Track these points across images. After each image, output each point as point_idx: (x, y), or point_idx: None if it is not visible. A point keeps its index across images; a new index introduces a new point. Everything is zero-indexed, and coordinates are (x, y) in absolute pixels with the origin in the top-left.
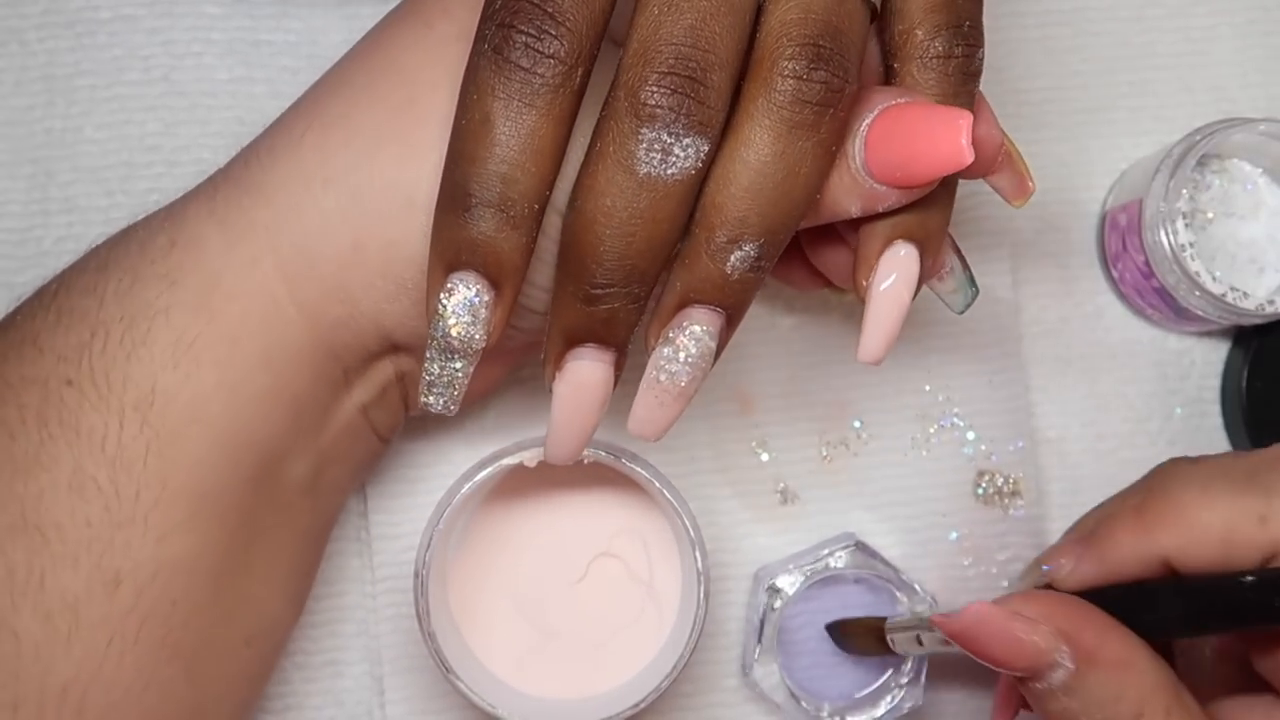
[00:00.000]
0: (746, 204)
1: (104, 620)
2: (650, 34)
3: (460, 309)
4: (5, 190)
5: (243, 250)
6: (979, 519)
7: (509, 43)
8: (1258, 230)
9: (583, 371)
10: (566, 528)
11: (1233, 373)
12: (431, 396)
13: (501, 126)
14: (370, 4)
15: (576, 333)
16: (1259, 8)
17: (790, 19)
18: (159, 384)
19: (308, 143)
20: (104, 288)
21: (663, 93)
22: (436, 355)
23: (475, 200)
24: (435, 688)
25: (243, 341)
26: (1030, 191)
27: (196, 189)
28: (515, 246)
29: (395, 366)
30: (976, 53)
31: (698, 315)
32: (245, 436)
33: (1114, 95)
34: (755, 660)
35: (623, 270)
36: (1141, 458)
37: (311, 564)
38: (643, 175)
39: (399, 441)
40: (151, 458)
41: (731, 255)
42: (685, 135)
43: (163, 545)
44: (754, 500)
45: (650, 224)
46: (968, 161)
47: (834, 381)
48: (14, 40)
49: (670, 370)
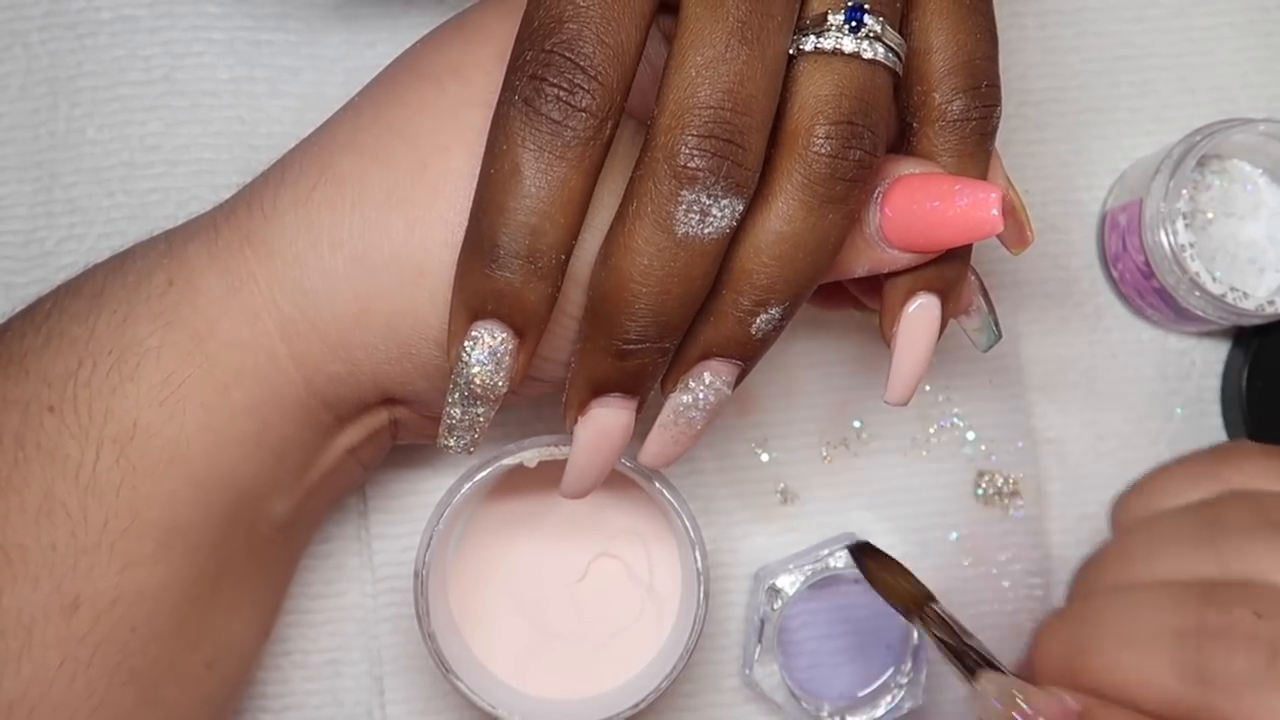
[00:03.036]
0: (776, 271)
1: (58, 642)
2: (688, 95)
3: (484, 357)
4: (12, 194)
5: (242, 301)
6: (979, 519)
7: (540, 95)
8: (1258, 230)
9: (607, 419)
10: (566, 528)
11: (1233, 373)
12: (452, 440)
13: (531, 178)
14: (370, 4)
15: (604, 384)
16: (1260, 8)
17: (824, 94)
18: (141, 420)
19: (316, 200)
20: (96, 318)
21: (703, 155)
22: (459, 401)
23: (503, 251)
24: (435, 688)
25: (233, 390)
26: (1029, 242)
27: (197, 225)
28: (541, 297)
29: (390, 414)
30: (994, 113)
31: (716, 367)
32: (225, 478)
33: (1114, 95)
34: (755, 660)
35: (656, 327)
36: (1141, 458)
37: (280, 587)
38: (680, 235)
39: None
40: (125, 490)
41: (758, 318)
42: (723, 197)
43: (126, 574)
44: (754, 500)
45: (685, 282)
46: (999, 230)
47: (834, 381)
48: (18, 44)
49: (688, 416)
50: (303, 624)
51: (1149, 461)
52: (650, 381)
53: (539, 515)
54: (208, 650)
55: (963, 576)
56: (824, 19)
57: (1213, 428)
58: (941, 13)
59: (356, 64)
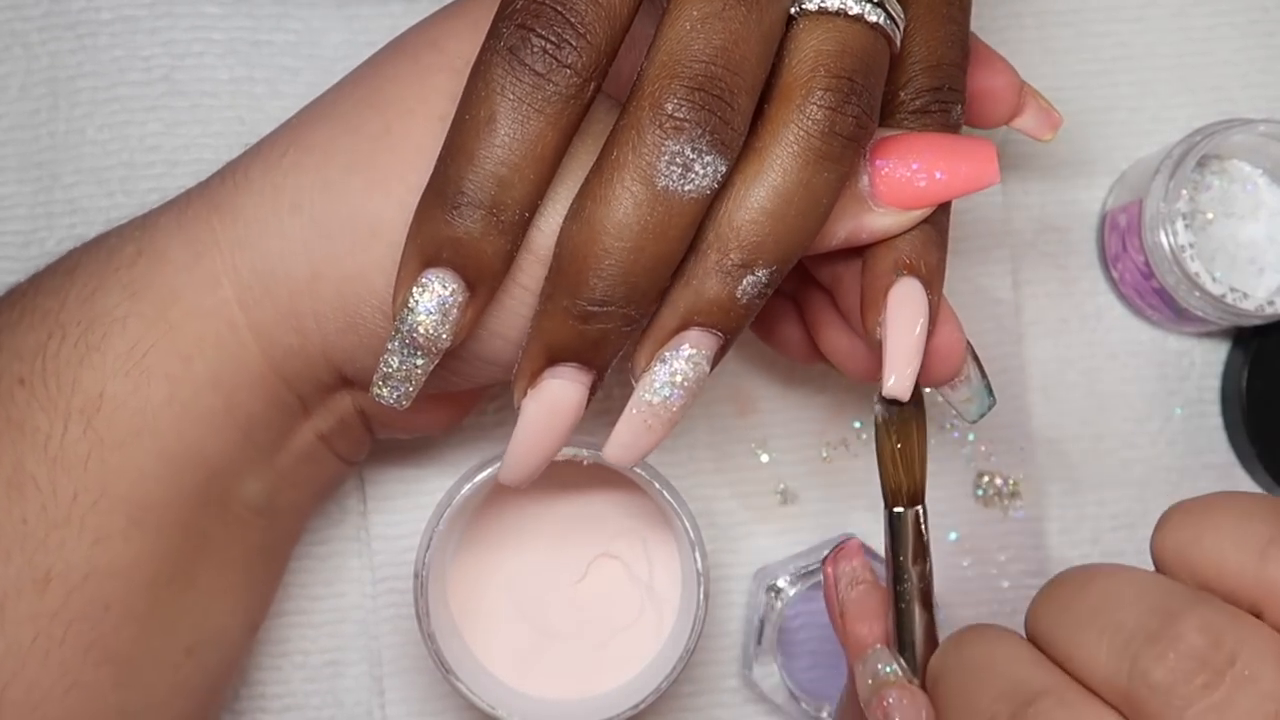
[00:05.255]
0: (767, 228)
1: (30, 618)
2: (680, 49)
3: (432, 306)
4: (13, 195)
5: (204, 268)
6: (979, 520)
7: (526, 45)
8: (1258, 231)
9: (558, 391)
10: (566, 528)
11: (1233, 373)
12: (386, 389)
13: (506, 128)
14: (370, 4)
15: (561, 350)
16: (1260, 8)
17: (826, 49)
18: (107, 391)
19: (284, 166)
20: (68, 290)
21: (690, 106)
22: (399, 349)
23: (466, 199)
24: (435, 688)
25: (195, 360)
26: (1059, 123)
27: (172, 200)
28: (498, 251)
29: (354, 401)
30: (953, 109)
31: (696, 338)
32: (193, 453)
33: (1114, 96)
34: (755, 660)
35: (624, 287)
36: (1141, 458)
37: (267, 579)
38: (660, 188)
39: (398, 443)
40: (93, 462)
41: (744, 279)
42: (707, 153)
43: (97, 549)
44: (754, 500)
45: (659, 240)
46: (997, 181)
47: (834, 381)
48: (17, 44)
49: (664, 394)
50: (303, 624)
51: (1149, 461)
52: (610, 354)
53: (539, 516)
54: (186, 636)
55: (962, 576)
56: None
57: (1213, 428)
58: (919, 19)
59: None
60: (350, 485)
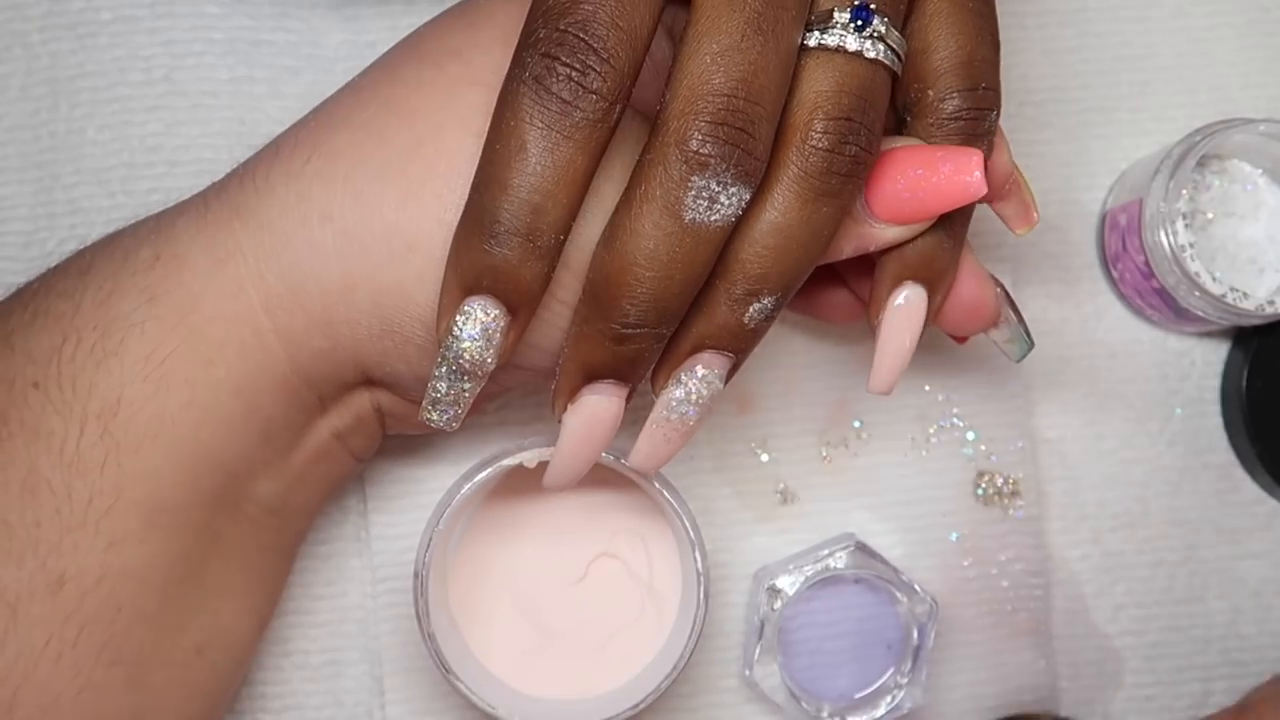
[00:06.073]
0: (769, 262)
1: (43, 620)
2: (702, 82)
3: (476, 333)
4: (13, 195)
5: (228, 274)
6: (979, 519)
7: (551, 74)
8: (1258, 230)
9: (596, 405)
10: (566, 528)
11: (1233, 373)
12: (436, 413)
13: (536, 156)
14: (370, 4)
15: (598, 369)
16: (1260, 8)
17: (824, 90)
18: (125, 395)
19: (308, 174)
20: (82, 294)
21: (715, 142)
22: (446, 375)
23: (502, 227)
24: (435, 688)
25: (218, 365)
26: (1034, 222)
27: (188, 202)
28: (536, 276)
29: (371, 399)
30: (988, 115)
31: (709, 360)
32: (210, 456)
33: (1115, 96)
34: (755, 660)
35: (656, 311)
36: (1141, 458)
37: (275, 578)
38: (688, 221)
39: (398, 442)
40: (109, 466)
41: (750, 307)
42: (732, 185)
43: (112, 552)
44: (754, 500)
45: (688, 267)
46: (983, 192)
47: (834, 381)
48: (18, 44)
49: (681, 411)
50: (303, 624)
51: (1149, 461)
52: (643, 369)
53: (539, 515)
54: (196, 635)
55: (963, 576)
56: (830, 15)
57: (1213, 428)
58: (943, 13)
59: (356, 64)
60: (350, 485)
